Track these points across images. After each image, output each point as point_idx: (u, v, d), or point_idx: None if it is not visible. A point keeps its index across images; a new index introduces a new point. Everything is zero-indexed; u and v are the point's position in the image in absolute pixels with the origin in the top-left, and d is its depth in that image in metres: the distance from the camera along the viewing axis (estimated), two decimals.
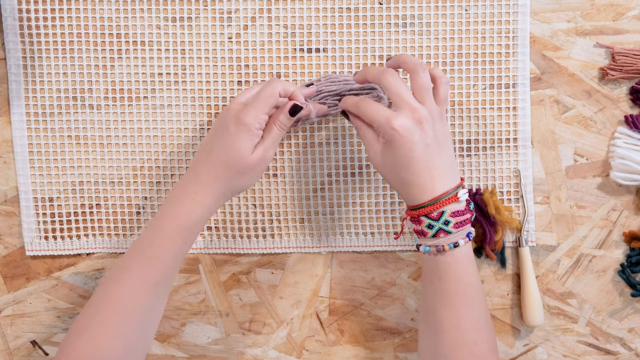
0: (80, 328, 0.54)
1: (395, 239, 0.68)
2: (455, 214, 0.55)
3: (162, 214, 0.56)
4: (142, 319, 0.55)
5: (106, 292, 0.55)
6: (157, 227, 0.56)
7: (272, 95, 0.57)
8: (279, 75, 0.67)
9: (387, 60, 0.63)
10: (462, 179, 0.57)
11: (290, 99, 0.59)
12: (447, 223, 0.55)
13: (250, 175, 0.57)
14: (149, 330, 0.57)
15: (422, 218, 0.56)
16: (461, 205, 0.56)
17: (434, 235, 0.55)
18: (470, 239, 0.56)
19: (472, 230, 0.57)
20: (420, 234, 0.56)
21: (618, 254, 0.69)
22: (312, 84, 0.63)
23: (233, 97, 0.67)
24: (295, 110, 0.58)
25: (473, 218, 0.58)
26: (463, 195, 0.56)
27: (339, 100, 0.64)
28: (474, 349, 0.55)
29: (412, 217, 0.57)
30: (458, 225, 0.55)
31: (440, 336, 0.56)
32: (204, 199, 0.56)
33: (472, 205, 0.58)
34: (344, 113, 0.60)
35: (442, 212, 0.55)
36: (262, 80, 0.67)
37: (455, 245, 0.55)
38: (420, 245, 0.57)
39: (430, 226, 0.55)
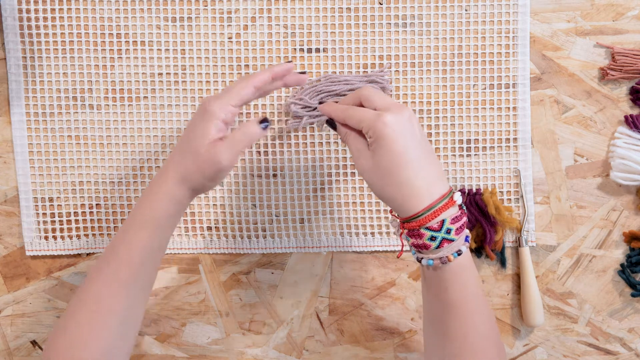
0: (60, 329, 0.54)
1: (397, 257, 0.65)
2: (454, 220, 0.52)
3: (131, 211, 0.56)
4: (119, 316, 0.53)
5: (82, 291, 0.54)
6: (126, 224, 0.55)
7: (245, 87, 0.54)
8: None
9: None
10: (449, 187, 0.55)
11: (274, 79, 0.56)
12: (449, 231, 0.52)
13: (204, 173, 0.53)
14: (129, 328, 0.55)
15: (423, 231, 0.52)
16: (457, 210, 0.53)
17: (438, 247, 0.52)
18: (468, 242, 0.54)
19: (468, 232, 0.54)
20: (423, 247, 0.52)
21: (618, 254, 0.69)
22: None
23: None
24: (264, 121, 0.55)
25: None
26: (458, 198, 0.53)
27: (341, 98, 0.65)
28: (482, 358, 0.53)
29: (410, 231, 0.53)
30: (458, 231, 0.52)
31: (448, 347, 0.54)
32: (162, 188, 0.54)
33: (464, 207, 0.55)
34: (329, 123, 0.58)
35: (443, 221, 0.51)
36: None
37: (459, 253, 0.52)
38: (422, 258, 0.53)
39: (432, 238, 0.52)
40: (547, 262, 0.69)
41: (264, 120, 0.55)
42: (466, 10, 0.66)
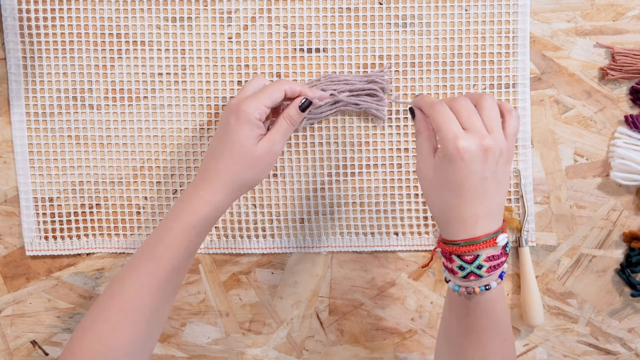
0: (87, 326, 0.54)
1: (422, 267, 0.67)
2: (490, 258, 0.51)
3: (171, 213, 0.57)
4: (149, 317, 0.55)
5: (114, 290, 0.55)
6: (166, 227, 0.56)
7: (277, 91, 0.57)
8: (278, 75, 0.67)
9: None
10: (504, 222, 0.52)
11: (299, 95, 0.59)
12: (480, 267, 0.50)
13: (258, 168, 0.57)
14: (156, 328, 0.56)
15: (454, 257, 0.51)
16: (497, 250, 0.51)
17: (465, 277, 0.51)
18: (502, 279, 0.52)
19: (505, 268, 0.53)
20: (450, 271, 0.52)
21: (618, 254, 0.69)
22: (323, 89, 0.64)
23: (233, 97, 0.67)
24: (305, 105, 0.59)
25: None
26: (502, 240, 0.51)
27: (339, 100, 0.65)
28: None
29: (444, 252, 0.52)
30: (491, 269, 0.51)
31: None
32: (211, 197, 0.56)
33: (508, 248, 0.53)
34: (411, 111, 0.56)
35: (477, 256, 0.50)
36: None
37: (487, 287, 0.51)
38: (450, 281, 0.53)
39: (462, 268, 0.51)
40: (547, 262, 0.69)
41: (302, 104, 0.58)
42: (466, 10, 0.66)
